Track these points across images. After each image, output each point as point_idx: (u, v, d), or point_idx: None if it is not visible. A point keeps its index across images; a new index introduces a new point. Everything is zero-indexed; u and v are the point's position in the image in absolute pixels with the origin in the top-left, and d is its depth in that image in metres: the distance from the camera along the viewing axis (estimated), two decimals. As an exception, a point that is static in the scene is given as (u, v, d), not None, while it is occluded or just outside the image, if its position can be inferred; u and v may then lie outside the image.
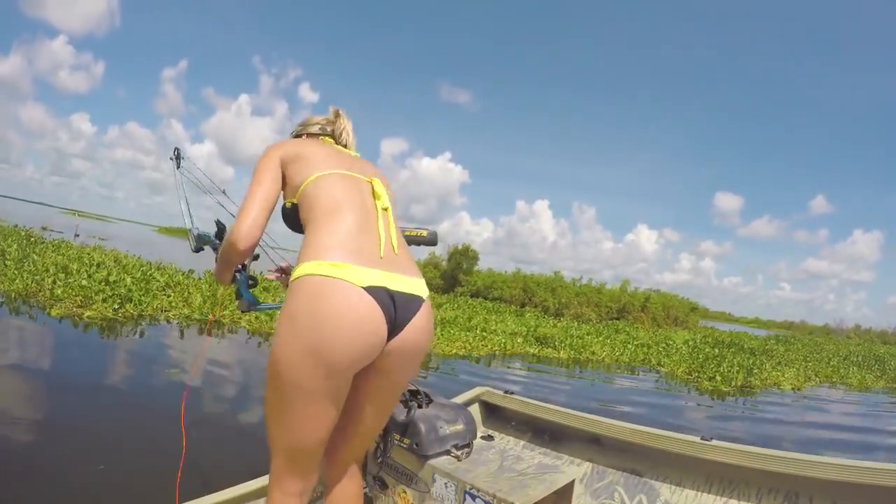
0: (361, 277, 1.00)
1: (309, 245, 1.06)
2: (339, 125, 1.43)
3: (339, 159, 1.25)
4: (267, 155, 1.22)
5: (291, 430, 1.03)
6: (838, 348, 22.07)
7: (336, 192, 1.14)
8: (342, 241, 1.05)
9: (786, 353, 15.27)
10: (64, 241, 12.79)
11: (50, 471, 2.47)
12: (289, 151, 1.23)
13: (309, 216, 1.12)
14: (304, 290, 0.99)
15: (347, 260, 1.01)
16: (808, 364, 12.88)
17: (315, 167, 1.19)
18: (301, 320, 0.97)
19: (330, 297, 0.97)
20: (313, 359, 0.97)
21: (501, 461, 1.62)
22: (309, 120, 1.46)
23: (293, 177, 1.19)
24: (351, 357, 0.99)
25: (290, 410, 1.01)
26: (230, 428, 3.48)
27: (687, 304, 28.93)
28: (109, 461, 2.63)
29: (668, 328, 23.26)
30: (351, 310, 0.97)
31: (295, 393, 0.99)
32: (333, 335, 0.96)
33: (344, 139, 1.42)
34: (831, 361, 14.50)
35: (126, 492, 2.37)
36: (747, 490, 1.72)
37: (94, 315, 6.53)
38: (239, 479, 1.66)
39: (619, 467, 1.99)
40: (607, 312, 24.07)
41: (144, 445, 2.92)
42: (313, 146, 1.28)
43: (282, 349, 0.99)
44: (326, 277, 0.98)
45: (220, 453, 2.95)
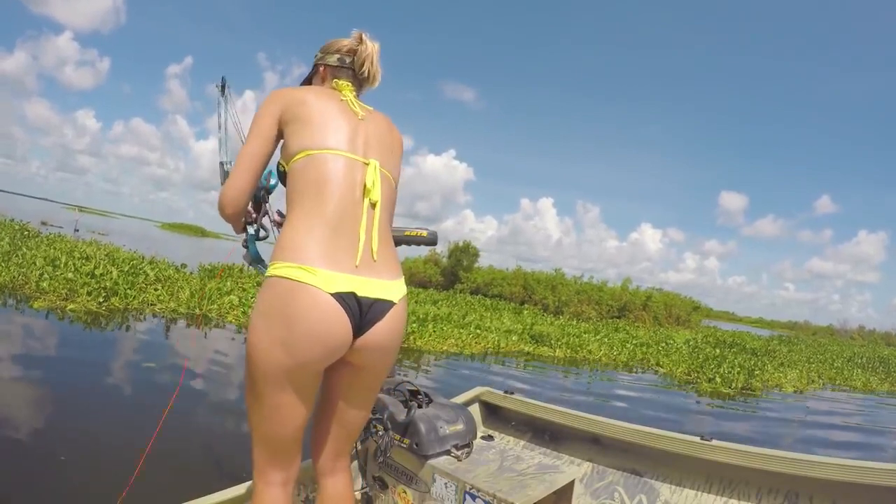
0: (330, 283, 1.02)
1: (285, 241, 1.06)
2: (362, 54, 1.31)
3: (341, 126, 1.18)
4: (265, 108, 1.18)
5: (266, 418, 1.07)
6: (842, 349, 21.78)
7: (323, 179, 1.10)
8: (318, 241, 1.04)
9: (789, 353, 15.02)
10: (59, 236, 12.63)
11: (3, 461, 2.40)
12: (289, 107, 1.17)
13: (292, 198, 1.11)
14: (276, 290, 1.02)
15: (319, 264, 1.02)
16: (812, 365, 12.62)
17: (311, 139, 1.13)
18: (272, 317, 1.02)
19: (298, 302, 1.00)
20: (282, 353, 1.01)
21: (501, 461, 1.62)
22: (330, 46, 1.34)
23: (288, 141, 1.16)
24: (316, 355, 1.03)
25: (264, 398, 1.06)
26: (199, 424, 3.32)
27: (689, 303, 28.66)
28: (71, 453, 2.56)
29: (670, 327, 23.02)
30: (318, 313, 1.01)
31: (267, 382, 1.04)
32: (299, 335, 1.00)
33: (366, 70, 1.31)
34: (835, 363, 14.24)
35: (82, 484, 2.31)
36: (747, 490, 1.72)
37: (78, 308, 6.45)
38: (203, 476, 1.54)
39: (619, 467, 1.99)
40: (608, 311, 23.85)
41: (108, 438, 2.85)
42: (318, 102, 1.19)
43: (256, 343, 1.03)
44: (296, 282, 1.00)
45: (186, 453, 2.81)
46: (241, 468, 2.44)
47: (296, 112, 1.16)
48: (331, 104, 1.20)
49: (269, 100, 1.19)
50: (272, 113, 1.17)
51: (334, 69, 1.32)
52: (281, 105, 1.17)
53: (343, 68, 1.32)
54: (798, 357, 14.34)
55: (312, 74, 1.39)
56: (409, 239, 1.58)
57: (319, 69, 1.34)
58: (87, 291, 6.88)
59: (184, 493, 1.42)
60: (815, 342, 26.25)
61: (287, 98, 1.19)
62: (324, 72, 1.33)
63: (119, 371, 4.31)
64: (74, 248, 10.19)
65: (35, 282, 6.95)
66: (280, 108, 1.17)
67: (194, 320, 7.08)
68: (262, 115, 1.18)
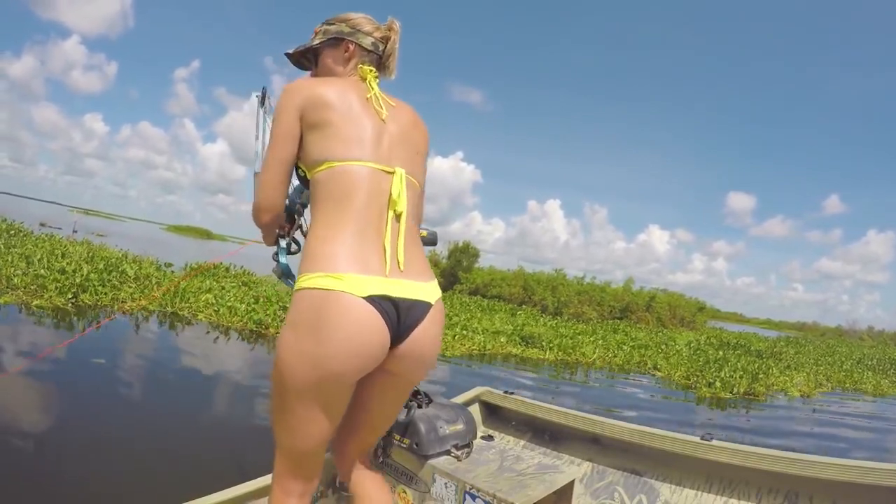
0: (361, 287, 0.99)
1: (311, 252, 1.03)
2: (393, 44, 1.24)
3: (365, 133, 1.11)
4: (286, 106, 1.10)
5: (293, 431, 1.05)
6: (851, 351, 21.21)
7: (347, 191, 1.06)
8: (344, 250, 1.01)
9: (796, 355, 14.49)
10: (50, 236, 12.43)
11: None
12: (311, 108, 1.10)
13: (316, 209, 1.08)
14: (304, 302, 0.99)
15: (349, 269, 0.99)
16: (820, 368, 12.10)
17: (333, 150, 1.08)
18: (303, 331, 0.98)
19: (329, 310, 0.97)
20: (314, 368, 0.98)
21: (501, 461, 1.63)
22: (359, 23, 1.23)
23: (309, 148, 1.10)
24: (351, 368, 1.00)
25: (291, 413, 1.03)
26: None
27: (694, 303, 28.16)
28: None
29: (674, 329, 22.53)
30: (351, 321, 0.97)
31: (296, 397, 1.01)
32: (334, 347, 0.97)
33: (391, 62, 1.24)
34: (844, 365, 13.70)
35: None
36: (747, 490, 1.72)
37: (44, 304, 6.28)
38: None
39: (619, 467, 1.99)
40: (610, 312, 23.40)
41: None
42: (342, 103, 1.11)
43: (285, 356, 1.00)
44: (325, 290, 0.97)
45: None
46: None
47: (318, 117, 1.09)
48: (355, 106, 1.13)
49: (289, 97, 1.11)
50: (294, 110, 1.10)
51: (363, 51, 1.23)
52: (301, 104, 1.10)
53: (372, 53, 1.23)
54: (805, 359, 13.83)
55: (328, 45, 1.24)
56: None
57: (348, 45, 1.22)
58: (55, 287, 6.70)
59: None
60: (823, 343, 25.68)
61: (307, 96, 1.10)
62: (353, 50, 1.22)
63: (59, 364, 4.15)
64: (57, 247, 10.01)
65: (7, 278, 6.78)
66: (301, 108, 1.10)
67: (165, 317, 6.89)
68: (284, 116, 1.11)
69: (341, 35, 1.22)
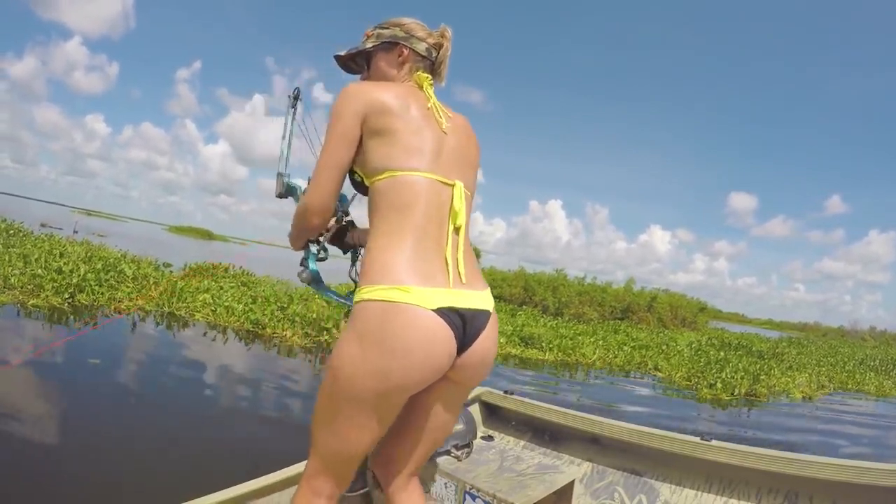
0: (428, 299, 0.98)
1: (374, 263, 1.01)
2: (445, 52, 1.23)
3: (426, 143, 1.10)
4: (346, 110, 1.08)
5: (339, 437, 1.03)
6: (854, 351, 21.10)
7: (408, 203, 1.05)
8: (409, 261, 1.00)
9: (798, 356, 14.40)
10: (50, 236, 12.44)
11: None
12: (373, 115, 1.08)
13: (375, 219, 1.07)
14: (370, 314, 0.97)
15: (414, 282, 0.98)
16: (822, 369, 12.01)
17: (395, 159, 1.06)
18: (369, 343, 0.96)
19: (397, 323, 0.95)
20: (378, 380, 0.96)
21: (501, 461, 1.64)
22: (412, 28, 1.22)
23: (369, 155, 1.08)
24: (418, 380, 0.99)
25: (341, 419, 1.02)
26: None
27: (695, 304, 28.06)
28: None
29: (675, 329, 22.45)
30: (421, 334, 0.96)
31: (352, 406, 1.00)
32: (402, 360, 0.95)
33: (442, 71, 1.24)
34: (847, 365, 13.62)
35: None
36: (747, 490, 1.72)
37: (41, 303, 6.30)
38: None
39: (619, 467, 1.99)
40: (611, 312, 23.33)
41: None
42: (404, 111, 1.10)
43: (346, 367, 0.98)
44: (392, 303, 0.96)
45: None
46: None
47: (381, 123, 1.07)
48: (416, 115, 1.11)
49: (350, 101, 1.08)
50: (356, 115, 1.08)
51: (417, 57, 1.21)
52: (364, 109, 1.08)
53: (426, 59, 1.22)
54: (808, 360, 13.74)
55: (381, 48, 1.23)
56: None
57: (402, 50, 1.21)
58: (52, 287, 6.70)
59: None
60: (825, 343, 25.57)
61: (370, 101, 1.08)
62: (406, 55, 1.21)
63: (53, 363, 4.11)
64: (56, 247, 10.00)
65: (4, 277, 6.81)
66: (363, 113, 1.08)
67: (162, 318, 6.85)
68: (345, 119, 1.08)
69: (395, 39, 1.21)
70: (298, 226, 1.20)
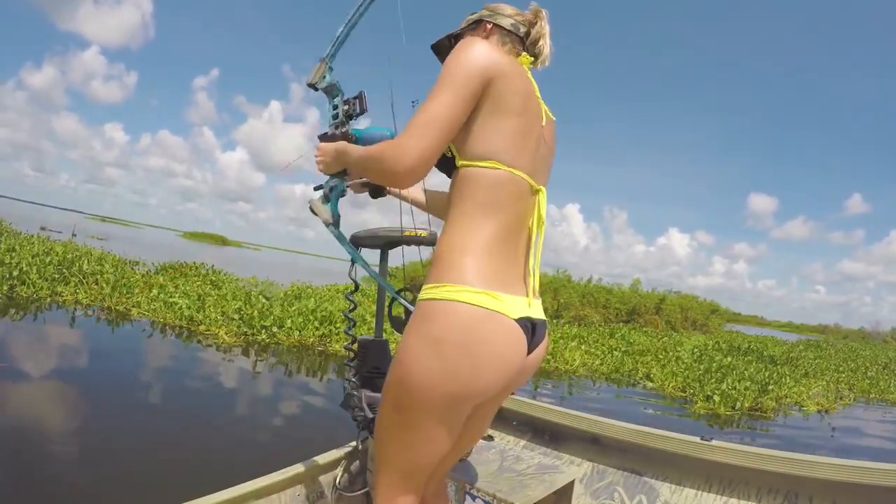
0: (514, 309, 0.95)
1: (462, 262, 0.94)
2: (541, 30, 1.15)
3: (531, 138, 1.02)
4: (473, 64, 0.94)
5: (413, 449, 0.98)
6: (876, 354, 19.73)
7: (504, 202, 0.97)
8: (499, 266, 0.96)
9: (815, 360, 13.22)
10: (38, 237, 12.26)
11: None
12: (502, 83, 0.96)
13: (469, 206, 0.97)
14: (460, 318, 0.90)
15: (502, 289, 0.94)
16: (841, 375, 10.87)
17: (505, 150, 0.97)
18: (451, 349, 0.90)
19: (486, 331, 0.91)
20: (462, 388, 0.91)
21: (501, 461, 1.66)
22: (499, 7, 1.16)
23: (480, 132, 0.97)
24: (496, 389, 0.96)
25: (414, 431, 0.97)
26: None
27: (707, 305, 26.79)
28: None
29: (685, 332, 21.26)
30: (506, 345, 0.93)
31: (428, 415, 0.94)
32: (484, 369, 0.91)
33: (541, 47, 1.14)
34: (868, 371, 12.41)
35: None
36: (747, 490, 1.74)
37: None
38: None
39: (619, 467, 2.01)
40: (616, 315, 22.24)
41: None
42: (523, 91, 1.00)
43: (421, 373, 0.91)
44: (484, 309, 0.91)
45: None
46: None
47: (503, 98, 0.96)
48: (530, 99, 1.02)
49: (479, 59, 0.95)
50: (483, 75, 0.94)
51: (502, 31, 1.14)
52: (491, 74, 0.95)
53: (515, 36, 1.14)
54: (826, 364, 12.56)
55: (468, 30, 1.18)
56: (409, 239, 1.58)
57: (486, 25, 1.16)
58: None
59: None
60: (845, 346, 24.12)
61: (499, 68, 0.96)
62: (490, 29, 1.15)
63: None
64: (15, 244, 9.71)
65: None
66: (489, 78, 0.95)
67: (102, 312, 6.74)
68: (472, 74, 0.94)
69: (481, 17, 1.17)
70: (373, 168, 1.01)
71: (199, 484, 1.54)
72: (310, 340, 6.64)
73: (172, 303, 7.17)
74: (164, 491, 2.41)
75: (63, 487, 2.35)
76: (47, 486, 2.34)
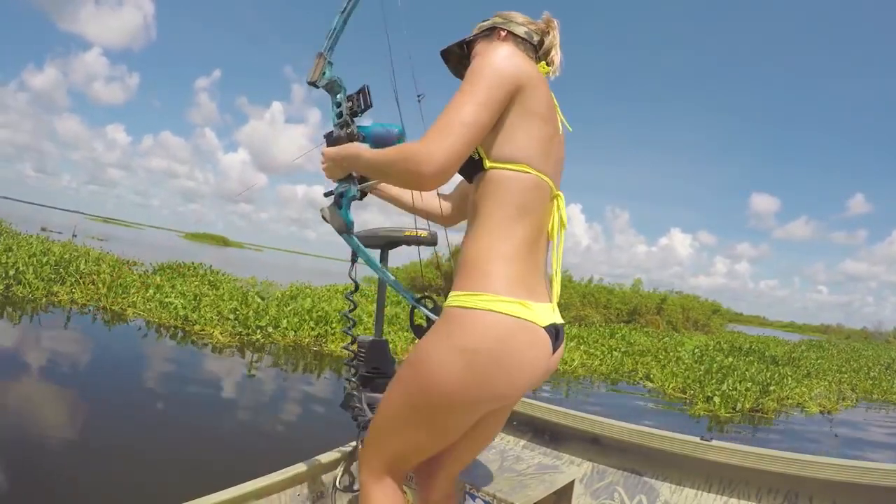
0: (543, 317, 0.95)
1: (493, 268, 0.93)
2: (553, 40, 1.14)
3: (552, 142, 1.02)
4: (503, 76, 0.93)
5: (417, 443, 1.01)
6: (878, 354, 19.61)
7: (532, 207, 0.98)
8: (528, 273, 0.96)
9: (817, 361, 13.10)
10: (36, 237, 12.35)
11: None
12: (530, 90, 0.96)
13: (497, 210, 0.96)
14: (492, 328, 0.90)
15: (531, 297, 0.94)
16: (844, 375, 10.77)
17: (535, 156, 0.97)
18: (482, 358, 0.89)
19: (518, 340, 0.91)
20: (482, 395, 0.92)
21: (501, 461, 1.67)
22: (511, 15, 1.15)
23: (510, 135, 0.96)
24: (520, 392, 0.97)
25: (424, 430, 0.98)
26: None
27: (708, 305, 26.68)
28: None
29: (687, 333, 21.16)
30: (539, 354, 0.94)
31: (442, 418, 0.96)
32: (514, 377, 0.92)
33: (554, 57, 1.13)
34: (871, 371, 12.30)
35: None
36: (747, 490, 1.74)
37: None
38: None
39: (619, 467, 2.00)
40: (617, 315, 22.13)
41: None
42: (547, 100, 1.00)
43: (447, 380, 0.91)
44: (516, 319, 0.90)
45: None
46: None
47: (531, 103, 0.96)
48: (552, 107, 1.03)
49: (509, 65, 0.94)
50: (512, 82, 0.94)
51: (516, 39, 1.13)
52: (521, 81, 0.95)
53: (529, 44, 1.13)
54: (828, 365, 12.44)
55: (481, 37, 1.17)
56: (409, 239, 1.57)
57: (500, 32, 1.14)
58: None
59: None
60: (848, 347, 23.98)
61: (527, 74, 0.96)
62: (504, 36, 1.13)
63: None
64: (22, 245, 9.89)
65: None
66: (518, 84, 0.94)
67: (98, 311, 6.75)
68: (501, 80, 0.93)
69: (494, 24, 1.16)
70: (396, 170, 0.95)
71: (174, 484, 1.49)
72: (305, 340, 6.60)
73: (168, 303, 7.12)
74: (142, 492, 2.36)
75: (42, 490, 2.29)
76: (26, 486, 2.28)
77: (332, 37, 1.22)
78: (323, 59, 1.20)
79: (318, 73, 1.21)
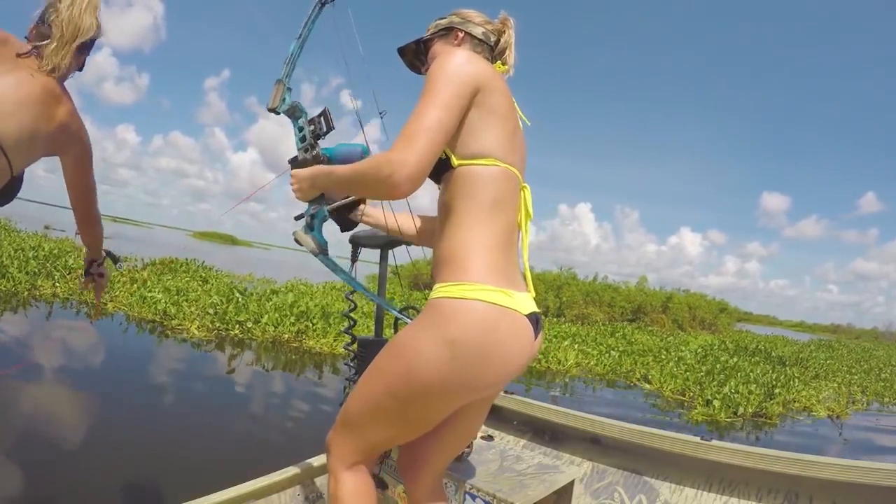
0: (524, 305, 0.97)
1: (475, 258, 0.95)
2: (509, 39, 1.17)
3: (516, 135, 1.06)
4: (462, 78, 0.96)
5: (388, 431, 1.01)
6: (889, 355, 19.15)
7: (501, 198, 1.00)
8: (506, 262, 0.98)
9: (827, 361, 12.70)
10: (33, 234, 12.56)
11: None
12: (486, 89, 0.99)
13: (472, 205, 0.98)
14: (476, 316, 0.91)
15: (509, 285, 0.95)
16: (854, 377, 10.38)
17: (500, 147, 1.00)
18: (467, 348, 0.90)
19: (501, 329, 0.92)
20: (465, 384, 0.93)
21: (501, 461, 1.66)
22: (468, 15, 1.17)
23: (476, 133, 0.99)
24: (504, 380, 0.99)
25: (398, 417, 0.98)
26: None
27: (715, 304, 26.21)
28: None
29: (693, 332, 20.75)
30: (519, 343, 0.95)
31: (422, 406, 0.96)
32: (498, 366, 0.93)
33: (508, 57, 1.17)
34: (882, 372, 11.91)
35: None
36: (747, 490, 1.75)
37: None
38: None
39: (619, 467, 2.01)
40: (621, 313, 21.76)
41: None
42: (506, 95, 1.04)
43: (431, 370, 0.91)
44: (499, 307, 0.92)
45: None
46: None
47: (492, 102, 1.00)
48: (510, 102, 1.06)
49: (467, 66, 0.97)
50: (471, 83, 0.97)
51: (474, 40, 1.15)
52: (479, 83, 0.98)
53: (485, 45, 1.16)
54: (838, 365, 12.05)
55: (438, 36, 1.18)
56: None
57: (457, 34, 1.16)
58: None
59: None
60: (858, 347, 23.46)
61: (485, 76, 0.99)
62: (462, 38, 1.16)
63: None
64: (22, 242, 9.94)
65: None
66: (477, 85, 0.98)
67: (80, 306, 6.67)
68: (460, 82, 0.96)
69: (451, 25, 1.17)
70: (367, 182, 0.96)
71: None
72: (285, 336, 6.41)
73: (150, 297, 7.00)
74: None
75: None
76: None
77: (289, 63, 1.25)
78: (282, 86, 1.22)
79: (277, 99, 1.22)
